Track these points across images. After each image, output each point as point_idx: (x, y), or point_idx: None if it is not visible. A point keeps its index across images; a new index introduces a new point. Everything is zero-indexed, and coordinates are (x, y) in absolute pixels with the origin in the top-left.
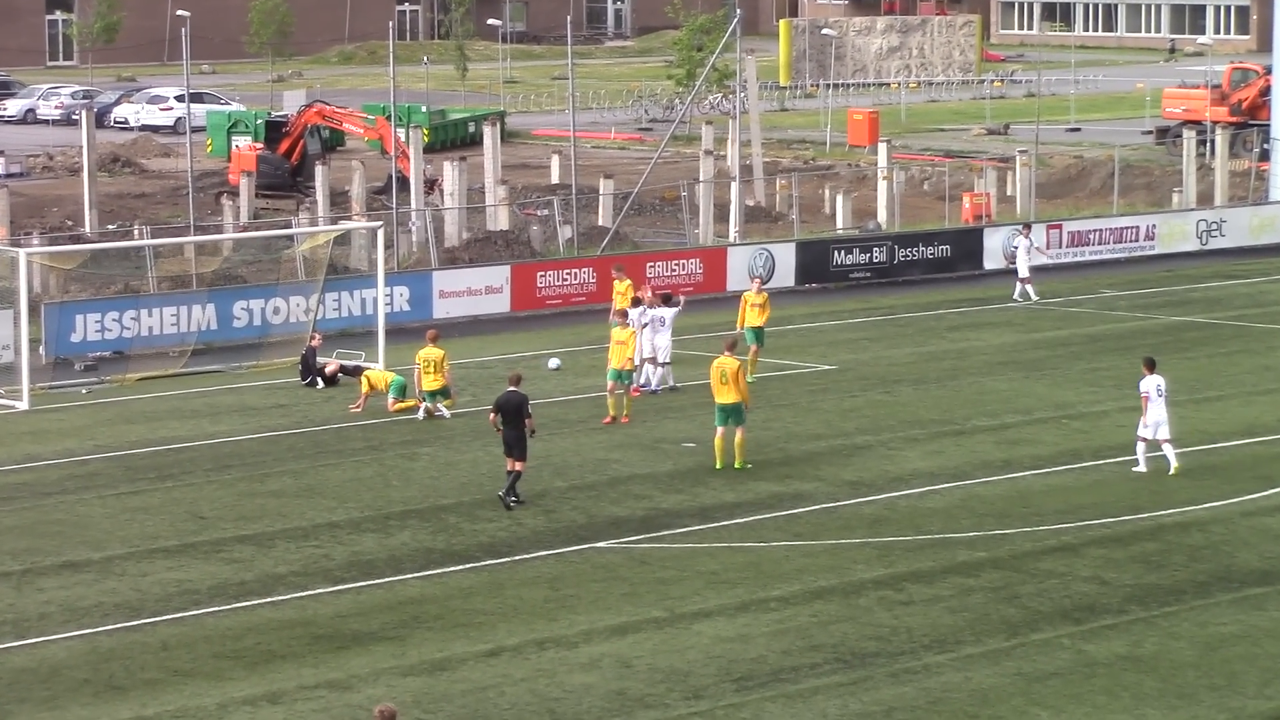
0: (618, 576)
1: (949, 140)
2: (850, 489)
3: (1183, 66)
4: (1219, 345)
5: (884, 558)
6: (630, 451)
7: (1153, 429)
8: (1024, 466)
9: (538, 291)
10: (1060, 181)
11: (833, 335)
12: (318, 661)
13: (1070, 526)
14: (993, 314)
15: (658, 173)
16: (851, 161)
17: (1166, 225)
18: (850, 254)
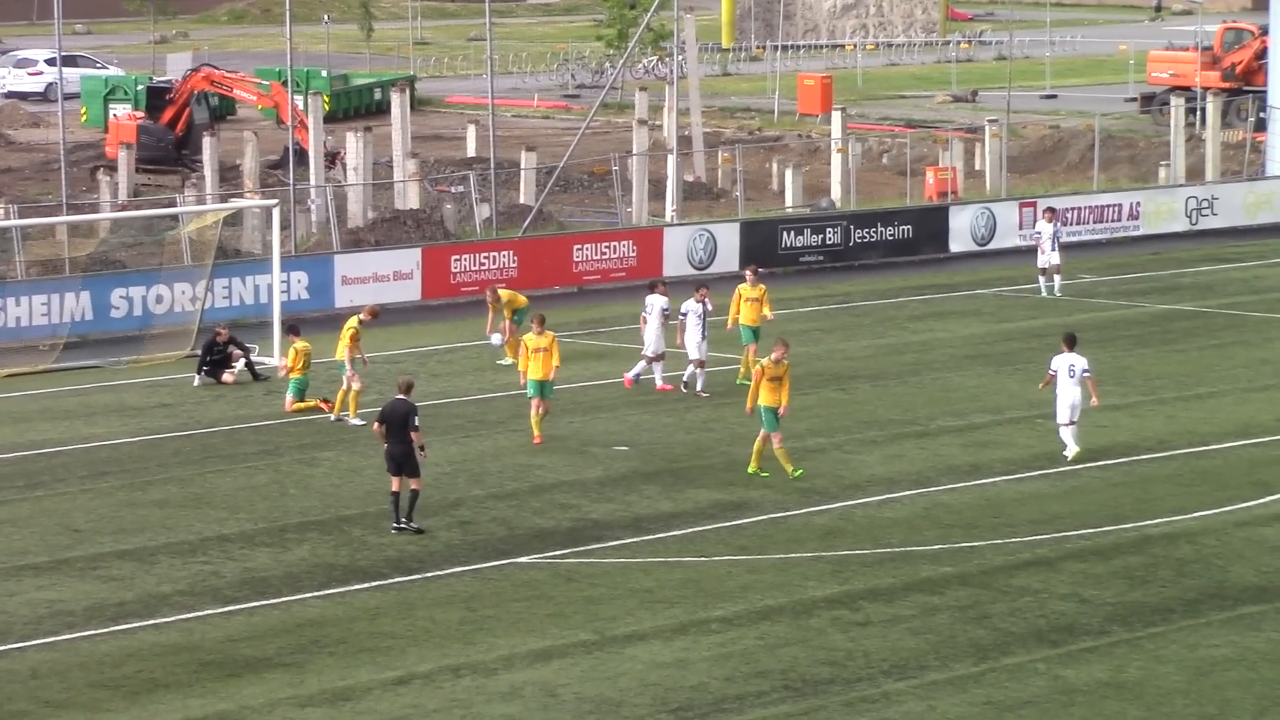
0: (541, 595)
1: (910, 108)
2: (801, 497)
3: (1170, 26)
4: (1210, 336)
5: (838, 574)
6: (555, 456)
7: (1067, 412)
8: (994, 472)
9: (452, 278)
10: (1034, 154)
11: (781, 326)
12: (206, 691)
13: (1045, 538)
14: (959, 302)
15: (586, 145)
16: (802, 132)
17: (1152, 203)
18: (801, 235)
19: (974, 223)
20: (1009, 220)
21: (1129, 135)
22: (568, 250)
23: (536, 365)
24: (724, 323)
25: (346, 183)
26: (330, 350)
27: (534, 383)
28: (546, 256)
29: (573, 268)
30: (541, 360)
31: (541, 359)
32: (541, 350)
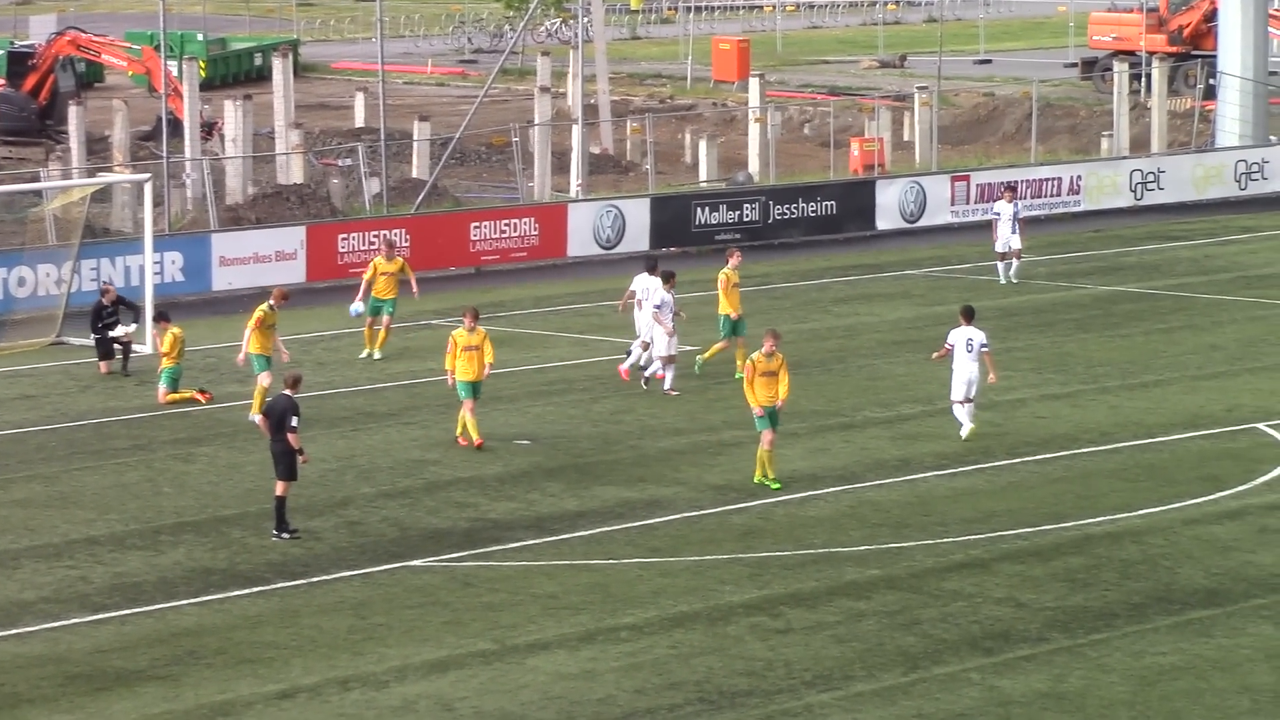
0: (437, 601)
1: (834, 75)
2: (717, 494)
3: None
4: (1157, 320)
5: (757, 577)
6: (451, 451)
7: (963, 388)
8: (925, 466)
9: (339, 258)
10: (967, 124)
11: (695, 309)
12: (73, 706)
13: (980, 538)
14: (887, 284)
15: (484, 114)
16: (717, 100)
17: (1094, 176)
18: (716, 212)
19: (902, 198)
20: (940, 195)
21: (1069, 104)
22: (464, 228)
23: (467, 365)
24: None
25: (224, 155)
26: (209, 337)
27: (465, 385)
28: (441, 235)
29: (469, 247)
30: (473, 360)
31: (473, 358)
32: (473, 349)
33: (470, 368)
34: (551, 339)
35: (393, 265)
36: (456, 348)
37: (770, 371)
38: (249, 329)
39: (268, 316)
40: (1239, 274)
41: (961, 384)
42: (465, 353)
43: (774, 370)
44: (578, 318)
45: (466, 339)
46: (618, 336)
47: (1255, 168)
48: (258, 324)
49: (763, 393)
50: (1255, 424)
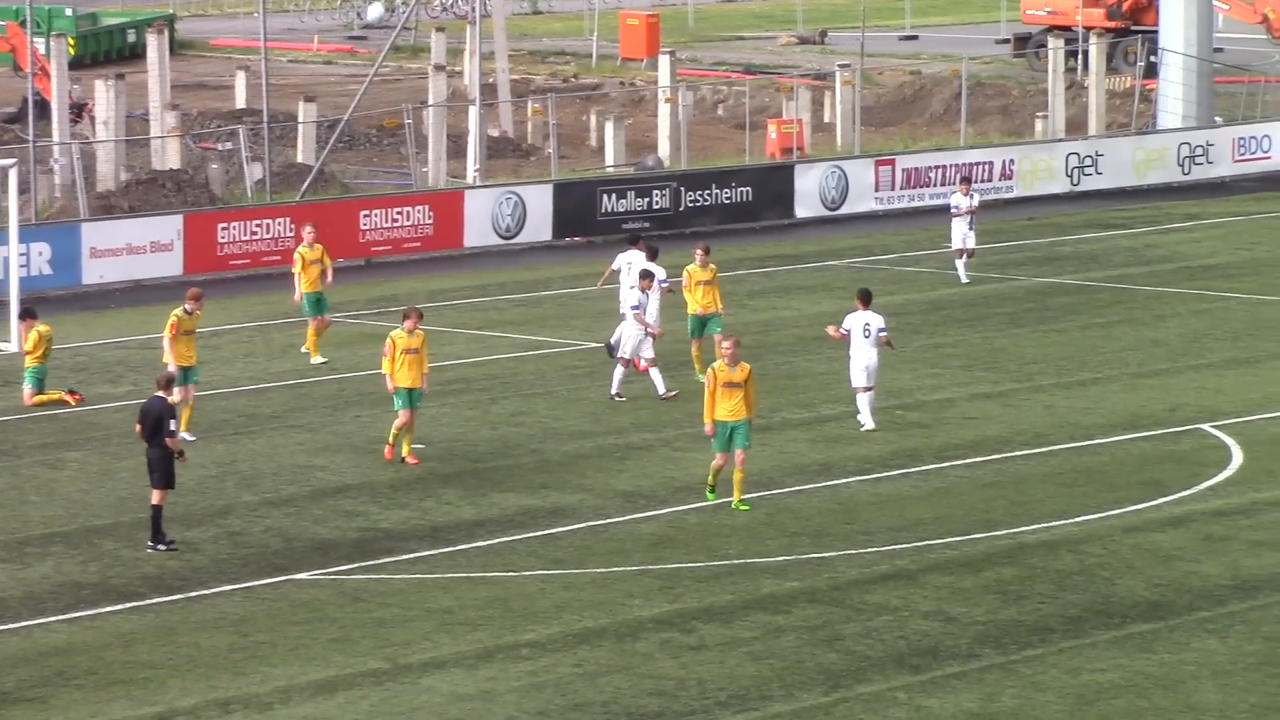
0: (324, 617)
1: (750, 52)
2: (624, 501)
3: None
4: (1094, 314)
5: (668, 590)
6: (339, 455)
7: (862, 375)
8: (847, 471)
9: (219, 249)
10: (893, 105)
11: (599, 304)
12: None
13: (906, 548)
14: (806, 275)
15: (374, 94)
16: (624, 79)
17: (1028, 160)
18: (623, 198)
19: (823, 184)
20: (863, 181)
21: (1001, 82)
22: (353, 217)
23: (406, 370)
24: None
25: (95, 139)
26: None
27: (403, 393)
28: (329, 224)
29: (359, 237)
30: (414, 364)
31: (413, 363)
32: (413, 351)
33: (409, 373)
34: (447, 335)
35: (316, 252)
36: (396, 350)
37: (733, 383)
38: (165, 339)
39: (183, 321)
40: (1182, 264)
41: (860, 371)
42: (405, 355)
43: (737, 381)
44: (475, 313)
45: (407, 341)
46: (518, 333)
47: (1199, 151)
48: (173, 332)
49: (723, 406)
50: (1199, 425)
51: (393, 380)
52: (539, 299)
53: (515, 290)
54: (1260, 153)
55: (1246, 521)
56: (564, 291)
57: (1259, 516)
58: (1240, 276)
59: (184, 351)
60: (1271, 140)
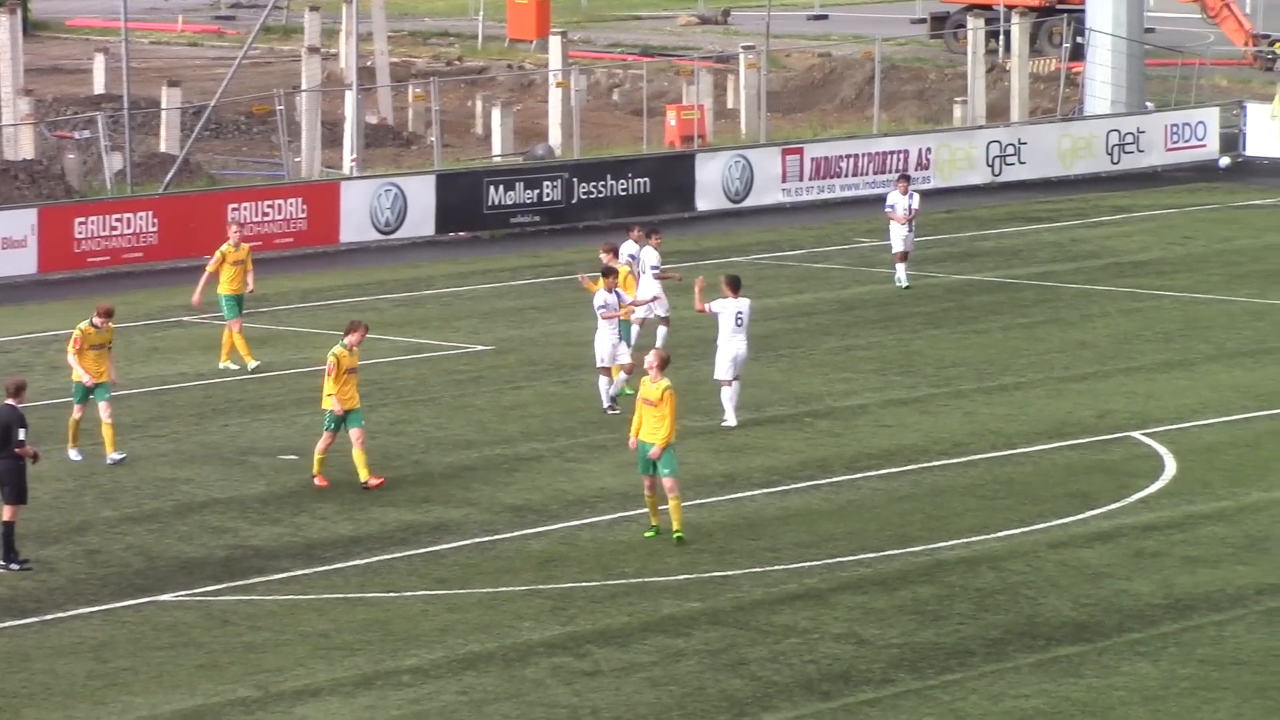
0: (190, 641)
1: (647, 33)
2: (513, 516)
3: None
4: (1018, 314)
5: (560, 611)
6: (206, 467)
7: (728, 367)
8: (753, 483)
9: (76, 245)
10: (801, 89)
11: (488, 303)
12: None
13: (816, 565)
14: (708, 272)
15: (243, 79)
16: (513, 62)
17: (946, 149)
18: (512, 190)
19: (726, 174)
20: (769, 171)
21: (916, 65)
22: (220, 210)
23: (353, 389)
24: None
25: None
26: None
27: (355, 413)
28: (194, 218)
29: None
30: (352, 383)
31: (352, 380)
32: (353, 371)
33: (355, 393)
34: (322, 338)
35: (241, 252)
36: (340, 369)
37: (650, 401)
38: (70, 353)
39: (89, 336)
40: (1111, 260)
41: (726, 361)
42: (348, 375)
43: (654, 400)
44: (353, 313)
45: (350, 360)
46: (398, 335)
47: (1129, 139)
48: (76, 346)
49: (646, 426)
50: (1130, 432)
51: (338, 402)
52: (421, 299)
53: (395, 289)
54: (1194, 140)
55: (1180, 536)
56: (447, 291)
57: (1193, 531)
58: (1173, 273)
59: (94, 367)
60: (1206, 127)
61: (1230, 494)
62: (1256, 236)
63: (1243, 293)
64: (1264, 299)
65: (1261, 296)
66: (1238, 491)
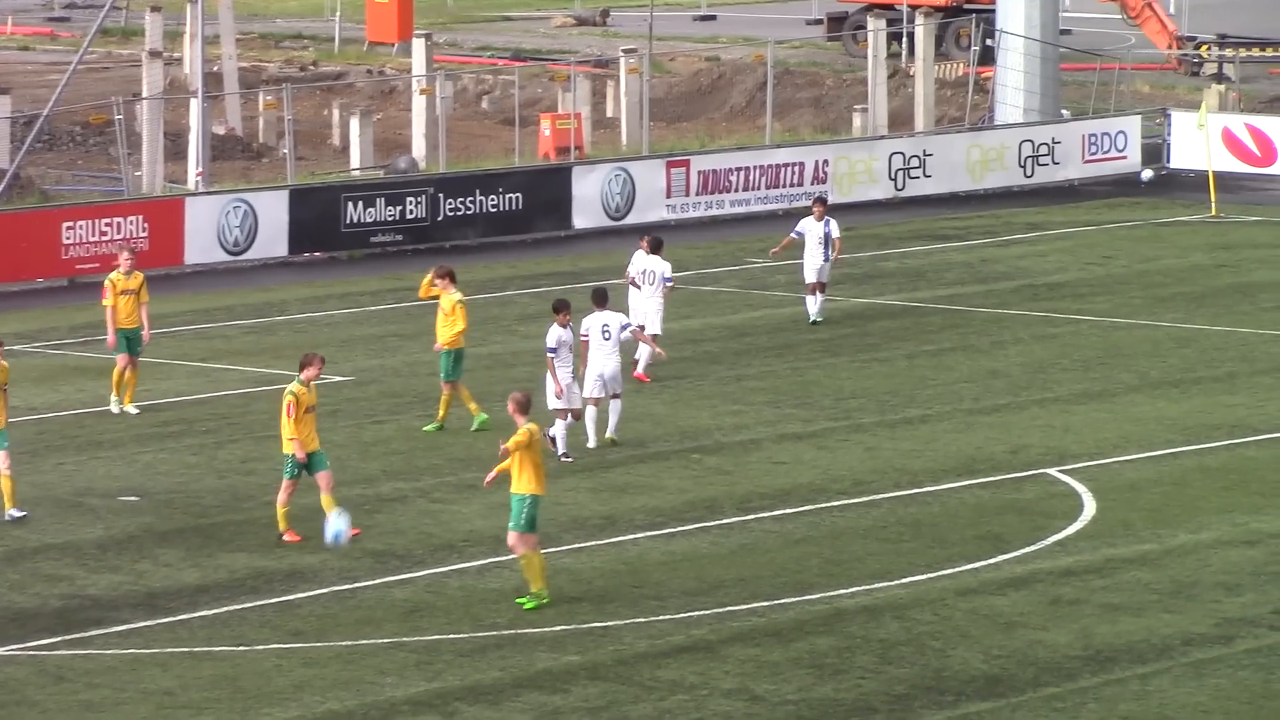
0: (22, 700)
1: (519, 35)
2: (375, 562)
3: None
4: (923, 340)
5: (426, 666)
6: (39, 510)
7: (597, 384)
8: (635, 526)
9: None
10: (687, 96)
11: (346, 329)
12: None
13: (704, 614)
14: (587, 296)
15: (79, 86)
16: (373, 67)
17: (844, 161)
18: (372, 207)
19: (605, 189)
20: (653, 185)
21: (813, 70)
22: (54, 230)
23: (313, 431)
24: None
25: None
26: None
27: (319, 456)
28: (25, 238)
29: (61, 253)
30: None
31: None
32: (311, 410)
33: (315, 433)
34: (165, 368)
35: (134, 281)
36: (300, 409)
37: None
38: None
39: None
40: (1024, 282)
41: (593, 378)
42: (307, 415)
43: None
44: (199, 341)
45: (309, 397)
46: (248, 365)
47: (1044, 149)
48: None
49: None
50: (1045, 469)
51: (302, 448)
52: (273, 325)
53: (245, 315)
54: (1114, 151)
55: (1100, 582)
56: (302, 316)
57: (1114, 576)
58: (1091, 296)
59: None
60: (1127, 137)
61: (1154, 536)
62: (1182, 256)
63: (1167, 317)
64: (1190, 324)
65: (1187, 321)
66: (1162, 533)
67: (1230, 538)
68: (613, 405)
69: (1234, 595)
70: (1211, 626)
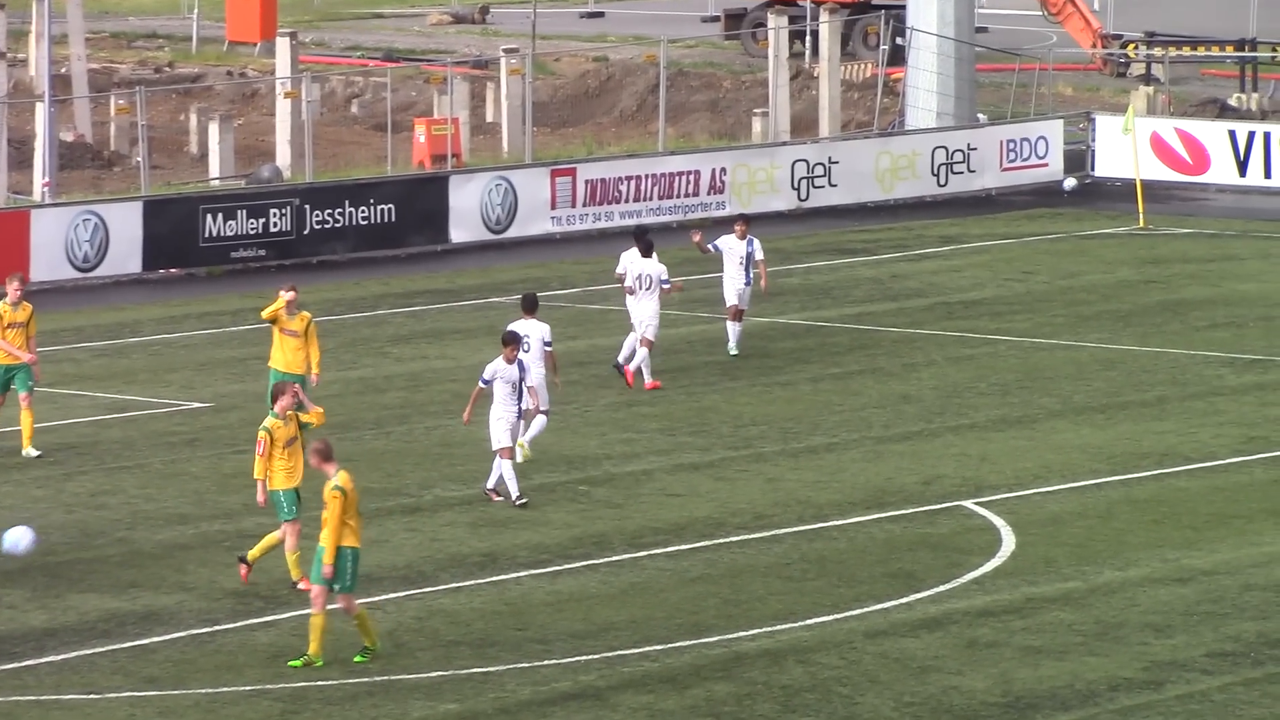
0: None
1: (392, 34)
2: (236, 603)
3: None
4: (829, 363)
5: (292, 715)
6: None
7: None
8: (518, 563)
9: None
10: (573, 99)
11: (205, 352)
12: None
13: (593, 659)
14: (465, 316)
15: None
16: (234, 69)
17: (744, 169)
18: (233, 219)
19: (485, 200)
20: (536, 196)
21: (709, 71)
22: None
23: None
24: None
25: None
26: None
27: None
28: None
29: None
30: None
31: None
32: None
33: (295, 470)
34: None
35: (22, 313)
36: (273, 445)
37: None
38: None
39: None
40: (938, 299)
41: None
42: (286, 450)
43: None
44: (46, 364)
45: (286, 431)
46: (99, 390)
47: (958, 157)
48: None
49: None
50: (960, 501)
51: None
52: (125, 347)
53: (95, 336)
54: (1034, 159)
55: (1020, 623)
56: (157, 338)
57: (1035, 616)
58: (1010, 314)
59: None
60: (1048, 143)
61: (1078, 573)
62: (1107, 271)
63: (1091, 337)
64: (1115, 344)
65: (1113, 342)
66: (1087, 570)
67: (1159, 575)
68: (538, 420)
69: (1164, 637)
70: (1140, 670)
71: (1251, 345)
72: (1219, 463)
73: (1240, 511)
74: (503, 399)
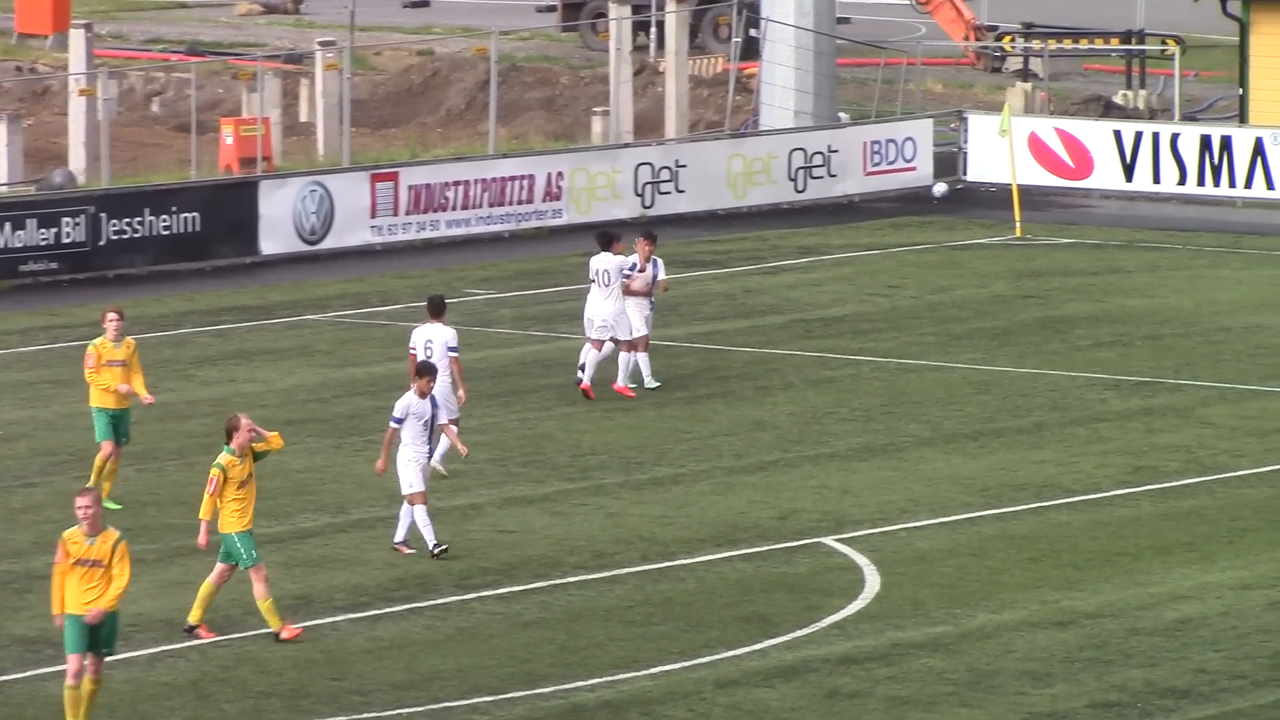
0: None
1: (196, 25)
2: (26, 651)
3: None
4: (676, 386)
5: None
6: None
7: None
8: (334, 607)
9: None
10: (395, 98)
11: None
12: None
13: (417, 711)
14: (277, 334)
15: None
16: (23, 64)
17: (583, 173)
18: (21, 229)
19: (299, 208)
20: (355, 203)
21: (544, 66)
22: None
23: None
24: None
25: None
26: None
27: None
28: None
29: None
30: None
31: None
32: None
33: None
34: None
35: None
36: (225, 482)
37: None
38: None
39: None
40: (795, 316)
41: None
42: (241, 489)
43: (97, 559)
44: None
45: (241, 469)
46: None
47: (818, 160)
48: None
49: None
50: (820, 538)
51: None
52: None
53: None
54: (901, 162)
55: (885, 671)
56: None
57: (902, 664)
58: (875, 333)
59: None
60: (916, 145)
61: (949, 616)
62: (981, 285)
63: (963, 358)
64: (989, 365)
65: (987, 362)
66: (958, 613)
67: (1038, 618)
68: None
69: (1042, 686)
70: None
71: (1138, 366)
72: (1103, 495)
73: (1126, 549)
74: (413, 438)
